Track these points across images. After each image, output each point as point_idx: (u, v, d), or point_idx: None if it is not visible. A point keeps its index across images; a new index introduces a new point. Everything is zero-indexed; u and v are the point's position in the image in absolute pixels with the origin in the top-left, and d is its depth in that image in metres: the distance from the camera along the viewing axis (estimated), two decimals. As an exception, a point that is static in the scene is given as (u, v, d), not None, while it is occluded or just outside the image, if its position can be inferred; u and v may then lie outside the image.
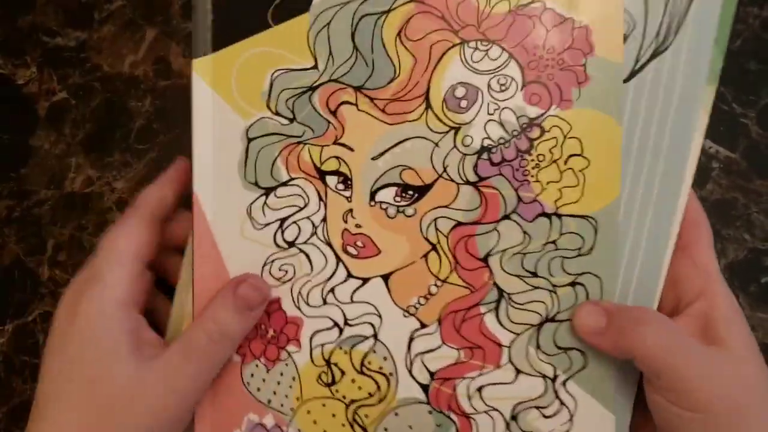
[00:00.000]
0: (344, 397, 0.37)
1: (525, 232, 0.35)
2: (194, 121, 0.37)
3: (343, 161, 0.36)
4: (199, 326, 0.35)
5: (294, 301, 0.37)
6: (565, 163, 0.35)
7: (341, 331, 0.37)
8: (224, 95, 0.37)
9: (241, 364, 0.38)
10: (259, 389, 0.38)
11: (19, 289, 0.47)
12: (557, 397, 0.36)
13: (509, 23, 0.34)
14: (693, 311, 0.35)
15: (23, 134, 0.46)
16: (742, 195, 0.42)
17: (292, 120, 0.36)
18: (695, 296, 0.35)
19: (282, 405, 0.38)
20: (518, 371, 0.36)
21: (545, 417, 0.36)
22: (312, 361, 0.37)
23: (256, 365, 0.38)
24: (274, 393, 0.38)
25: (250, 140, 0.37)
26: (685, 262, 0.36)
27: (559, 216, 0.35)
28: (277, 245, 0.37)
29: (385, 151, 0.36)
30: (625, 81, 0.35)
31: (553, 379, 0.36)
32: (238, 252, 0.37)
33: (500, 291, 0.36)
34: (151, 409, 0.34)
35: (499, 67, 0.35)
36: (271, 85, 0.36)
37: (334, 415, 0.37)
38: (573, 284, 0.35)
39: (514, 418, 0.36)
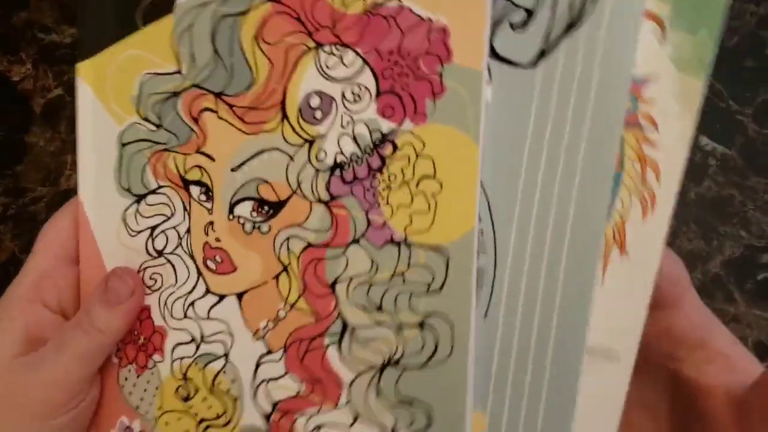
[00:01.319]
0: (196, 414, 0.37)
1: (372, 260, 0.33)
2: (78, 125, 0.38)
3: (205, 171, 0.36)
4: (74, 320, 0.37)
5: (160, 311, 0.37)
6: (417, 185, 0.32)
7: (198, 346, 0.37)
8: (102, 99, 0.38)
9: (118, 367, 0.39)
10: (130, 393, 0.39)
11: None
12: None
13: (364, 24, 0.32)
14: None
15: (18, 131, 0.50)
16: (738, 192, 0.43)
17: (158, 126, 0.37)
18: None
19: (147, 412, 0.38)
20: (356, 416, 0.33)
21: None
22: (172, 373, 0.37)
23: (129, 369, 0.38)
24: (141, 399, 0.38)
25: (123, 146, 0.37)
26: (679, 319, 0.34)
27: (409, 245, 0.32)
28: (149, 253, 0.38)
29: (244, 162, 0.35)
30: (534, 64, 0.31)
31: (393, 433, 0.33)
32: (116, 257, 0.38)
33: (344, 323, 0.33)
34: (8, 401, 0.36)
35: (354, 74, 0.32)
36: (141, 89, 0.37)
37: (187, 431, 0.37)
38: (421, 325, 0.32)
39: None
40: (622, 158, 0.30)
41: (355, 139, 0.33)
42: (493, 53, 0.32)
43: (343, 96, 0.33)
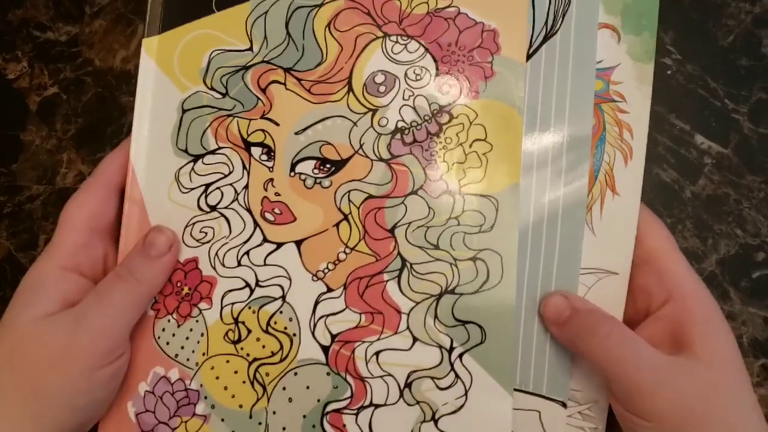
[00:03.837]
0: (248, 354, 0.42)
1: (430, 207, 0.41)
2: (137, 94, 0.44)
3: (269, 134, 0.43)
4: (113, 272, 0.41)
5: (210, 262, 0.43)
6: (470, 146, 0.41)
7: (252, 291, 0.42)
8: (166, 71, 0.44)
9: (155, 319, 0.43)
10: (168, 343, 0.42)
11: (10, 285, 0.51)
12: (452, 369, 0.40)
13: (427, 23, 0.42)
14: (660, 315, 0.38)
15: (14, 129, 0.51)
16: (733, 190, 0.46)
17: (224, 95, 0.43)
18: (662, 302, 0.39)
19: (188, 359, 0.42)
20: (415, 339, 0.40)
21: (439, 389, 0.40)
22: (221, 319, 0.42)
23: (168, 320, 0.43)
24: (182, 347, 0.42)
25: (185, 111, 0.44)
26: (647, 270, 0.40)
27: (463, 194, 0.41)
28: (200, 209, 0.43)
29: (308, 127, 0.42)
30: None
31: (450, 351, 0.40)
32: (164, 213, 0.43)
33: (403, 261, 0.41)
34: (53, 353, 0.38)
35: (416, 59, 0.42)
36: (209, 62, 0.44)
37: (236, 372, 0.42)
38: (474, 259, 0.40)
39: (408, 386, 0.40)
40: (604, 123, 0.43)
41: (415, 108, 0.42)
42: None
43: (406, 75, 0.42)
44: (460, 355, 0.40)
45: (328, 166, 0.43)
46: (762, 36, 0.46)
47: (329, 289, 0.42)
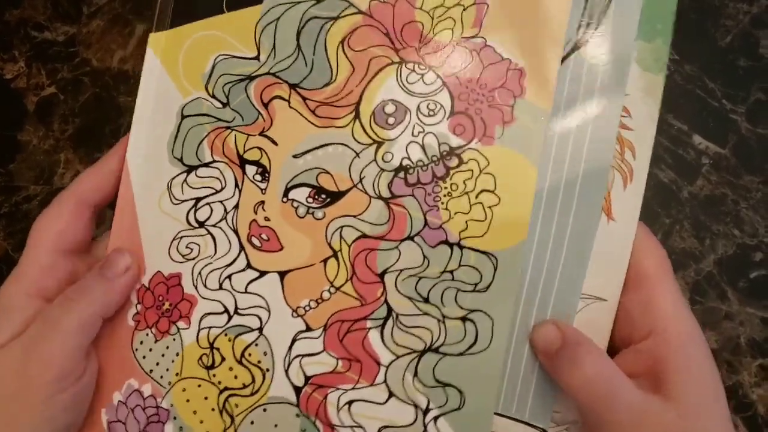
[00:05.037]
0: (219, 382, 0.40)
1: (425, 256, 0.38)
2: (140, 91, 0.42)
3: (265, 153, 0.40)
4: (63, 295, 0.39)
5: (193, 280, 0.41)
6: (477, 197, 0.38)
7: (230, 318, 0.40)
8: (170, 71, 0.42)
9: (134, 330, 0.41)
10: (144, 357, 0.41)
11: None
12: (426, 431, 0.39)
13: (448, 53, 0.39)
14: (641, 348, 0.37)
15: (11, 129, 0.50)
16: (731, 191, 0.45)
17: (225, 105, 0.41)
18: (645, 334, 0.37)
19: (161, 377, 0.41)
20: (391, 394, 0.38)
21: None
22: (198, 341, 0.40)
23: (147, 334, 0.41)
24: (157, 364, 0.41)
25: (183, 117, 0.41)
26: (634, 298, 0.38)
27: (461, 247, 0.38)
28: (189, 223, 0.41)
29: (308, 151, 0.39)
30: None
31: (425, 412, 0.38)
32: (153, 223, 0.41)
33: (390, 310, 0.39)
34: (14, 385, 0.37)
35: (432, 92, 0.39)
36: (213, 68, 0.41)
37: (206, 398, 0.40)
38: (464, 319, 0.38)
39: None
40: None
41: (423, 147, 0.39)
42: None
43: (419, 109, 0.39)
44: (435, 418, 0.39)
45: (323, 196, 0.40)
46: (760, 36, 0.45)
47: (308, 328, 0.40)
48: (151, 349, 0.41)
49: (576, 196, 0.39)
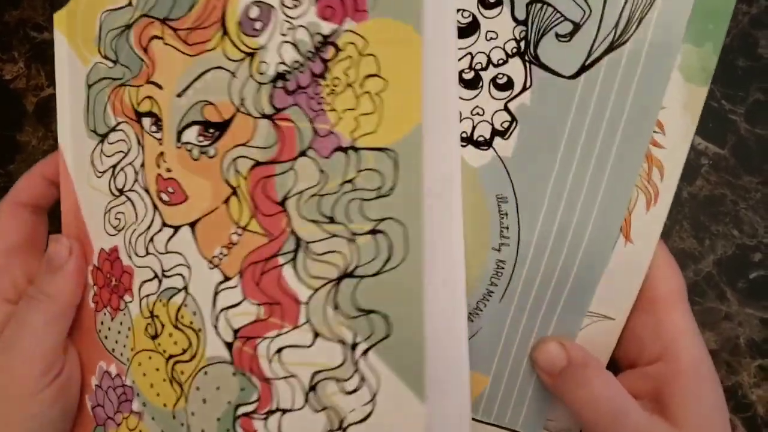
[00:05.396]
0: (164, 351, 0.37)
1: (321, 170, 0.33)
2: (56, 74, 0.41)
3: (155, 101, 0.37)
4: (25, 294, 0.39)
5: (126, 250, 0.38)
6: (361, 86, 0.32)
7: (160, 282, 0.37)
8: (72, 44, 0.40)
9: (95, 312, 0.40)
10: (106, 337, 0.40)
11: None
12: (357, 369, 0.33)
13: None
14: (649, 372, 0.35)
15: (11, 130, 0.51)
16: (730, 191, 0.43)
17: (115, 62, 0.38)
18: (654, 358, 0.35)
19: (122, 354, 0.39)
20: (316, 333, 0.33)
21: (345, 392, 0.33)
22: (141, 312, 0.38)
23: (104, 313, 0.40)
24: (116, 342, 0.39)
25: (89, 87, 0.39)
26: (643, 321, 0.36)
27: (356, 149, 0.32)
28: (112, 193, 0.39)
29: (188, 86, 0.35)
30: (574, 77, 0.33)
31: (353, 348, 0.33)
32: (88, 201, 0.40)
33: (298, 239, 0.34)
34: (9, 381, 0.38)
35: None
36: (101, 27, 0.38)
37: (157, 369, 0.38)
38: (373, 232, 0.32)
39: (312, 389, 0.34)
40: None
41: (295, 45, 0.33)
42: (537, 61, 0.33)
43: (282, 3, 0.34)
44: (365, 352, 0.33)
45: (211, 130, 0.36)
46: (759, 37, 0.44)
47: (226, 278, 0.36)
48: (110, 328, 0.40)
49: (593, 218, 0.35)
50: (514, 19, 0.33)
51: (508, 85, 0.34)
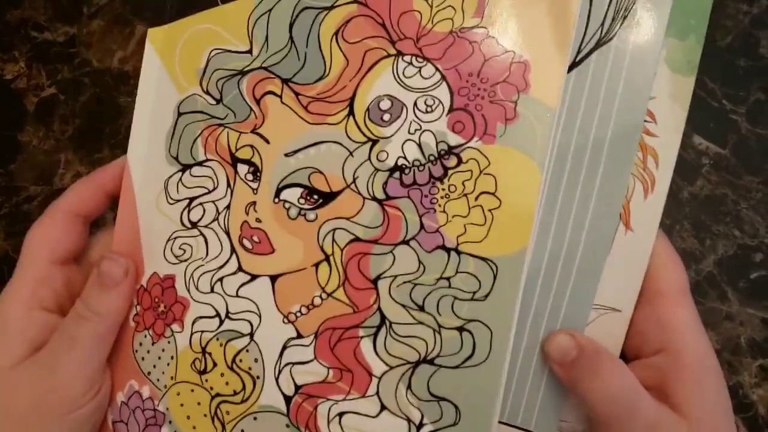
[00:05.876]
0: (211, 388, 0.39)
1: (420, 262, 0.36)
2: (139, 89, 0.41)
3: (257, 151, 0.38)
4: (73, 311, 0.39)
5: (185, 282, 0.39)
6: (476, 199, 0.36)
7: (221, 322, 0.39)
8: (168, 67, 0.40)
9: (134, 331, 0.41)
10: (143, 358, 0.40)
11: None
12: None
13: (448, 44, 0.36)
14: (652, 363, 0.37)
15: (12, 130, 0.50)
16: (731, 191, 0.45)
17: (218, 101, 0.39)
18: (656, 350, 0.37)
19: (158, 380, 0.40)
20: (383, 407, 0.36)
21: None
22: (190, 345, 0.39)
23: (145, 335, 0.40)
24: (154, 366, 0.40)
25: (180, 114, 0.40)
26: (646, 314, 0.37)
27: (459, 252, 0.36)
28: (182, 223, 0.40)
29: (300, 149, 0.38)
30: (566, 73, 0.36)
31: (419, 427, 0.36)
32: (151, 223, 0.41)
33: (383, 318, 0.37)
34: (26, 403, 0.37)
35: (430, 87, 0.36)
36: (207, 62, 0.39)
37: (199, 403, 0.39)
38: (461, 329, 0.36)
39: None
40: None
41: (420, 146, 0.36)
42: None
43: (416, 105, 0.37)
44: (429, 433, 0.36)
45: (315, 197, 0.38)
46: (760, 37, 0.45)
47: (299, 335, 0.38)
48: (149, 351, 0.41)
49: (592, 205, 0.37)
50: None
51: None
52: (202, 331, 0.40)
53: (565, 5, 0.35)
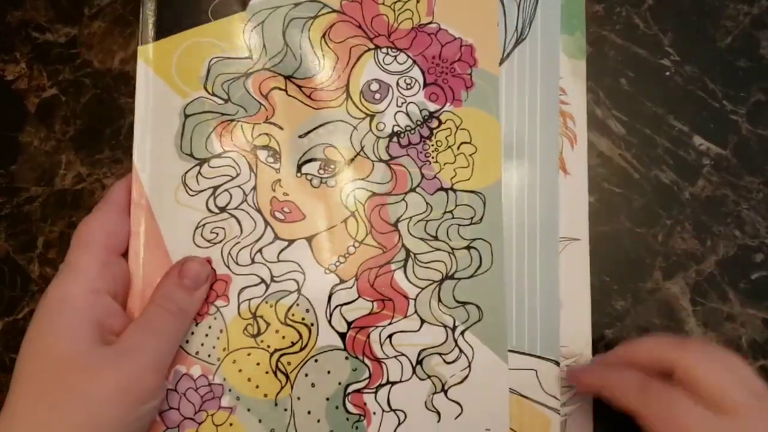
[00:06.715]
0: (269, 346, 0.44)
1: (428, 203, 0.46)
2: (137, 101, 0.45)
3: (273, 138, 0.45)
4: (158, 305, 0.42)
5: (224, 260, 0.44)
6: (458, 148, 0.46)
7: (267, 287, 0.44)
8: (165, 77, 0.46)
9: None
10: (187, 342, 0.44)
11: (8, 287, 0.49)
12: (457, 345, 0.45)
13: (412, 37, 0.47)
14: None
15: (13, 131, 0.50)
16: (732, 191, 0.46)
17: (226, 100, 0.46)
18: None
19: (209, 356, 0.44)
20: (423, 321, 0.45)
21: (446, 363, 0.45)
22: (239, 314, 0.44)
23: None
24: (202, 345, 0.44)
25: (187, 116, 0.45)
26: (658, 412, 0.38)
27: (455, 191, 0.46)
28: (210, 210, 0.45)
29: (311, 130, 0.45)
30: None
31: (453, 329, 0.45)
32: (171, 216, 0.45)
33: (408, 251, 0.45)
34: (111, 387, 0.38)
35: (406, 70, 0.46)
36: (209, 69, 0.46)
37: (258, 364, 0.44)
38: (468, 248, 0.46)
39: (419, 363, 0.44)
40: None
41: (408, 115, 0.46)
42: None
43: (398, 84, 0.47)
44: (462, 332, 0.45)
45: (332, 167, 0.46)
46: (760, 37, 0.46)
47: (342, 281, 0.45)
48: (192, 333, 0.44)
49: (538, 163, 0.48)
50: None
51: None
52: (250, 299, 0.45)
53: (488, 2, 0.48)
